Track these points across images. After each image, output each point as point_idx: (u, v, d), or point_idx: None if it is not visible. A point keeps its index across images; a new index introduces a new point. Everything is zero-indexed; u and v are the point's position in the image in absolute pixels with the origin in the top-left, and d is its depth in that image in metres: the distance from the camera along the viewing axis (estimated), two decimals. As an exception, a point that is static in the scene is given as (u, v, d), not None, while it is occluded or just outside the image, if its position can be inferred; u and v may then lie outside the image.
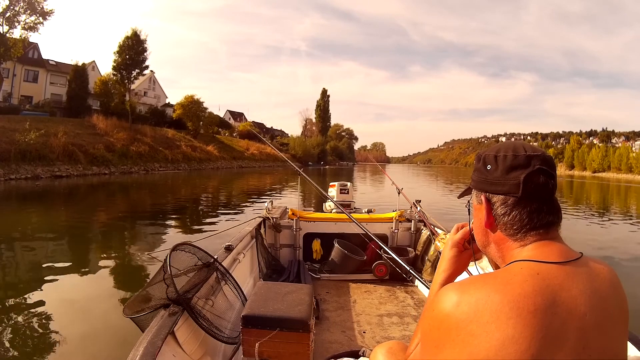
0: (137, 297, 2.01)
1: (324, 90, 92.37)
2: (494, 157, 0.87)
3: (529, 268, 0.77)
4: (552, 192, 0.84)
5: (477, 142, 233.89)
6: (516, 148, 0.86)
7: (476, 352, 0.71)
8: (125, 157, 32.62)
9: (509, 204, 0.84)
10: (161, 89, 59.40)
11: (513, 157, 0.85)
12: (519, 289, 0.72)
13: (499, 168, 0.86)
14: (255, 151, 57.56)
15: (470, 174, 0.97)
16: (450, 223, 4.30)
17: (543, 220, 0.83)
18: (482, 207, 0.89)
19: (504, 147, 0.88)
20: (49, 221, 10.93)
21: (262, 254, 3.74)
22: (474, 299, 0.74)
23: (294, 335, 2.02)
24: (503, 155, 0.86)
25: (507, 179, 0.84)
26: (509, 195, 0.84)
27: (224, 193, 21.51)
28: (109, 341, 3.73)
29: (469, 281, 0.80)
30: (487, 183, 0.88)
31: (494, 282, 0.76)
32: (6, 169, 21.53)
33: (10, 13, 29.14)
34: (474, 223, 0.96)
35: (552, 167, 0.85)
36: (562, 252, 0.80)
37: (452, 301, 0.76)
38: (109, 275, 6.09)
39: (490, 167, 0.87)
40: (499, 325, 0.70)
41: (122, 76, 39.27)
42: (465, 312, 0.73)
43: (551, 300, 0.72)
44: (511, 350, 0.69)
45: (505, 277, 0.76)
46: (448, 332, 0.75)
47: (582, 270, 0.78)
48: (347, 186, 6.72)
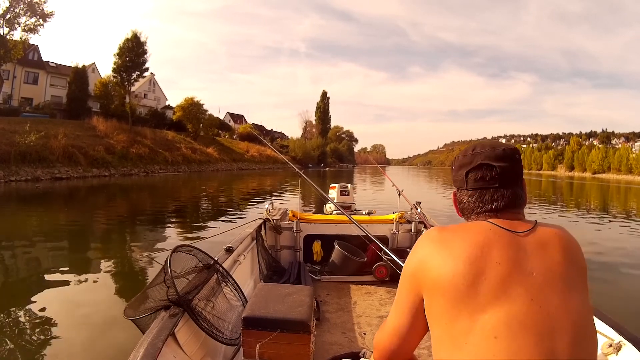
0: (137, 299, 2.01)
1: (323, 92, 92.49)
2: (455, 158, 1.08)
3: (487, 225, 0.93)
4: (493, 182, 0.98)
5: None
6: (468, 149, 1.05)
7: (436, 278, 0.89)
8: (125, 159, 32.63)
9: (462, 195, 1.04)
10: (161, 91, 59.47)
11: (462, 156, 1.05)
12: (475, 237, 0.90)
13: (455, 167, 1.07)
14: (255, 153, 57.57)
15: None
16: (450, 224, 4.32)
17: (488, 205, 0.98)
18: (455, 195, 1.09)
19: (463, 150, 1.08)
20: (49, 223, 10.93)
21: (262, 255, 3.74)
22: (444, 237, 0.94)
23: (294, 336, 2.02)
24: (457, 157, 1.07)
25: (457, 176, 1.05)
26: (461, 188, 1.05)
27: (224, 195, 21.51)
28: (109, 342, 3.73)
29: (446, 226, 1.01)
30: (453, 180, 1.09)
31: (460, 229, 0.95)
32: (6, 170, 21.52)
33: (11, 15, 29.18)
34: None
35: (498, 159, 0.98)
36: (515, 224, 0.94)
37: (431, 235, 0.99)
38: (109, 276, 6.09)
39: (453, 168, 1.08)
40: (454, 261, 0.88)
41: (122, 78, 39.28)
42: (437, 244, 0.94)
43: (497, 252, 0.87)
44: (459, 283, 0.85)
45: (469, 226, 0.96)
46: (422, 259, 0.95)
47: (532, 239, 0.91)
48: (348, 188, 6.74)
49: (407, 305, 0.98)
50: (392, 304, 1.03)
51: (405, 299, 0.98)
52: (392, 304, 1.04)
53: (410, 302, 0.97)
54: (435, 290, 0.89)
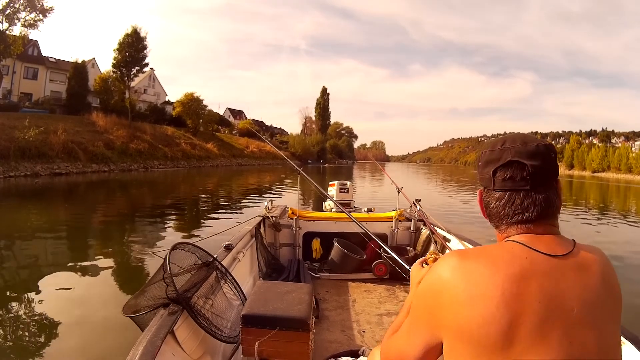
0: (136, 296, 2.01)
1: (323, 88, 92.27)
2: (480, 154, 0.94)
3: (520, 249, 0.80)
4: (524, 183, 0.85)
5: (476, 141, 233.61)
6: (496, 143, 0.90)
7: (460, 321, 0.75)
8: (124, 155, 32.57)
9: (489, 196, 0.90)
10: (161, 87, 59.29)
11: (490, 151, 0.90)
12: (508, 269, 0.76)
13: (480, 163, 0.92)
14: (254, 149, 57.50)
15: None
16: (450, 223, 4.31)
17: (519, 214, 0.85)
18: (481, 195, 0.95)
19: (491, 142, 0.92)
20: (49, 219, 10.92)
21: (261, 253, 3.73)
22: (468, 270, 0.78)
23: (293, 334, 2.02)
24: (484, 151, 0.92)
25: (483, 173, 0.91)
26: (487, 188, 0.91)
27: (223, 191, 21.50)
28: (108, 340, 3.73)
29: (470, 251, 0.85)
30: (479, 177, 0.94)
31: (487, 257, 0.80)
32: (5, 166, 21.47)
33: (10, 10, 29.01)
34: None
35: (530, 157, 0.85)
36: (552, 243, 0.81)
37: (451, 266, 0.81)
38: (108, 274, 6.08)
39: (480, 163, 0.93)
40: (485, 302, 0.73)
41: (122, 73, 39.15)
42: (458, 279, 0.78)
43: (536, 288, 0.74)
44: (492, 330, 0.72)
45: (498, 253, 0.80)
46: (440, 295, 0.80)
47: (572, 263, 0.79)
48: (347, 185, 6.73)
49: (420, 340, 0.84)
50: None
51: (419, 333, 0.85)
52: (406, 319, 0.92)
53: (424, 340, 0.84)
54: (460, 336, 0.76)
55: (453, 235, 3.76)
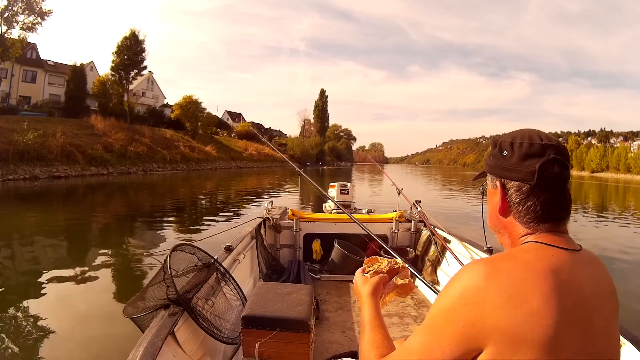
0: (137, 298, 2.01)
1: (322, 90, 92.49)
2: (510, 144, 0.88)
3: (542, 249, 0.80)
4: (565, 183, 0.85)
5: (475, 143, 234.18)
6: (532, 136, 0.86)
7: (507, 324, 0.72)
8: (123, 158, 32.57)
9: (523, 192, 0.85)
10: (159, 90, 59.36)
11: (529, 145, 0.85)
12: (538, 267, 0.76)
13: (514, 155, 0.86)
14: (253, 151, 57.55)
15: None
16: (450, 223, 4.31)
17: (555, 213, 0.84)
18: (496, 192, 0.91)
19: (519, 134, 0.88)
20: (48, 222, 10.90)
21: (262, 254, 3.73)
22: (500, 273, 0.76)
23: (294, 335, 2.02)
24: (519, 142, 0.86)
25: (522, 167, 0.85)
26: (524, 182, 0.84)
27: (222, 194, 21.49)
28: (108, 341, 3.72)
29: (493, 257, 0.82)
30: (503, 169, 0.88)
31: (514, 258, 0.79)
32: (4, 169, 21.46)
33: (9, 13, 29.10)
34: (488, 206, 0.96)
35: (567, 158, 0.85)
36: (568, 241, 0.83)
37: (482, 273, 0.76)
38: (108, 275, 6.07)
39: (507, 154, 0.88)
40: (526, 299, 0.72)
41: (120, 76, 39.26)
42: (494, 284, 0.74)
43: (565, 281, 0.75)
44: (535, 324, 0.71)
45: (524, 255, 0.79)
46: (479, 305, 0.74)
47: (585, 259, 0.83)
48: (347, 186, 6.73)
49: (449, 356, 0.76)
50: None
51: (448, 349, 0.76)
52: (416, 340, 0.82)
53: (454, 355, 0.75)
54: (507, 340, 0.71)
55: (453, 236, 3.76)
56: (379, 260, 1.25)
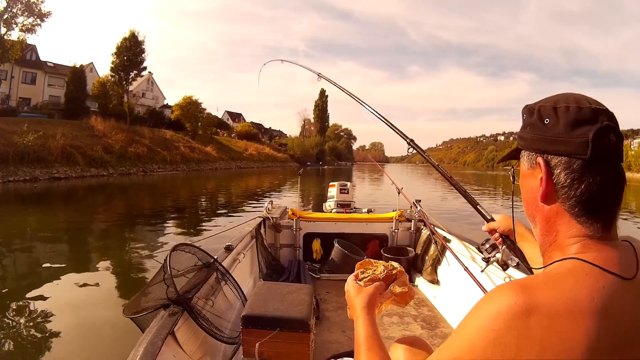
0: (137, 298, 2.01)
1: (322, 90, 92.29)
2: (552, 109, 0.70)
3: (593, 276, 0.61)
4: (621, 159, 0.70)
5: (475, 142, 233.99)
6: (578, 99, 0.70)
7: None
8: (123, 159, 32.56)
9: (575, 169, 0.66)
10: (159, 90, 59.35)
11: (577, 109, 0.68)
12: (586, 306, 0.58)
13: (560, 122, 0.68)
14: (253, 152, 57.56)
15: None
16: (450, 223, 4.30)
17: (612, 204, 0.68)
18: (535, 172, 0.72)
19: (562, 98, 0.71)
20: (48, 223, 10.91)
21: (262, 254, 3.73)
22: (539, 312, 0.58)
23: (294, 335, 2.02)
24: (564, 106, 0.69)
25: (571, 136, 0.67)
26: (575, 157, 0.66)
27: (223, 194, 21.49)
28: (109, 341, 3.72)
29: (532, 282, 0.62)
30: (546, 141, 0.69)
31: (559, 289, 0.60)
32: (4, 171, 21.45)
33: (8, 15, 29.06)
34: (523, 193, 0.77)
35: (618, 127, 0.70)
36: (623, 259, 0.65)
37: (514, 309, 0.59)
38: (108, 276, 6.08)
39: (549, 122, 0.70)
40: (565, 348, 0.57)
41: (120, 77, 39.22)
42: (530, 325, 0.58)
43: (616, 325, 0.59)
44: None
45: (570, 284, 0.61)
46: (498, 345, 0.58)
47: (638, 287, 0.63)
48: (347, 186, 6.73)
49: None
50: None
51: None
52: None
53: None
54: None
55: (453, 235, 3.76)
56: (373, 264, 1.11)
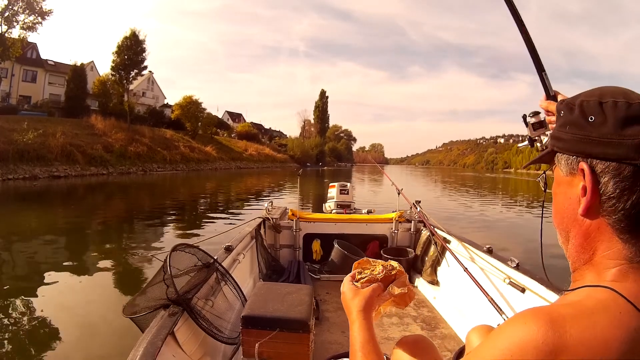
0: (137, 297, 2.01)
1: (322, 91, 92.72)
2: (598, 104, 0.59)
3: (628, 315, 0.52)
4: None
5: (475, 144, 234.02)
6: (627, 94, 0.59)
7: None
8: (123, 158, 32.58)
9: (626, 177, 0.55)
10: (159, 90, 59.37)
11: (627, 105, 0.57)
12: (616, 348, 0.49)
13: (608, 120, 0.57)
14: (253, 152, 57.62)
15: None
16: (450, 223, 4.31)
17: None
18: (575, 179, 0.61)
19: (608, 91, 0.60)
20: (47, 222, 10.89)
21: (262, 254, 3.73)
22: (568, 351, 0.49)
23: (294, 335, 2.02)
24: (612, 101, 0.58)
25: (622, 136, 0.55)
26: (626, 161, 0.55)
27: (222, 194, 21.49)
28: (108, 341, 3.72)
29: (561, 313, 0.53)
30: (591, 142, 0.58)
31: (592, 326, 0.51)
32: (4, 169, 21.46)
33: (9, 13, 29.13)
34: (556, 203, 0.66)
35: None
36: None
37: (541, 343, 0.50)
38: (108, 275, 6.07)
39: (594, 119, 0.58)
40: None
41: (120, 76, 39.28)
42: (552, 352, 0.49)
43: None
44: None
45: (603, 321, 0.51)
46: None
47: None
48: (347, 187, 6.73)
49: None
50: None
51: None
52: None
53: None
54: None
55: (453, 236, 3.76)
56: (371, 263, 1.06)
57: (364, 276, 1.01)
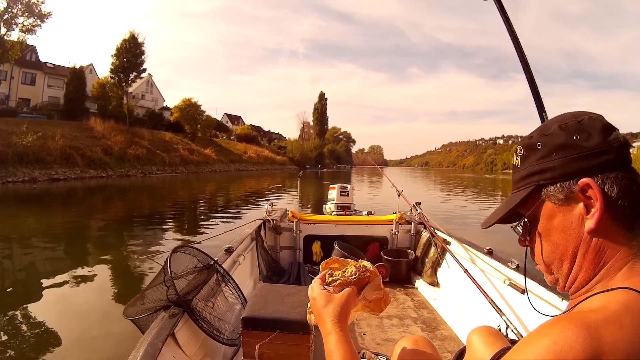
0: (137, 299, 2.01)
1: (321, 93, 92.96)
2: (577, 123, 0.62)
3: None
4: None
5: (474, 145, 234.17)
6: (584, 112, 0.64)
7: None
8: (122, 160, 32.55)
9: (623, 175, 0.59)
10: (159, 92, 59.41)
11: (597, 117, 0.63)
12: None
13: (592, 134, 0.60)
14: (253, 154, 57.64)
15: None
16: (450, 225, 4.31)
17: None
18: (571, 203, 0.61)
19: (572, 113, 0.65)
20: (47, 224, 10.88)
21: (262, 256, 3.74)
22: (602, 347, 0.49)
23: (294, 337, 2.02)
24: (587, 117, 0.62)
25: (610, 143, 0.60)
26: (619, 163, 0.60)
27: (222, 196, 21.49)
28: (109, 343, 3.71)
29: (589, 319, 0.52)
30: (585, 157, 0.60)
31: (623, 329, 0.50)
32: (3, 171, 21.43)
33: (8, 15, 29.09)
34: (550, 240, 0.66)
35: None
36: None
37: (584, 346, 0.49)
38: (109, 277, 6.07)
39: (580, 136, 0.61)
40: None
41: (119, 79, 39.28)
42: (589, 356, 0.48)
43: None
44: None
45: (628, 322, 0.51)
46: None
47: None
48: (347, 188, 6.73)
49: None
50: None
51: None
52: None
53: None
54: None
55: (453, 237, 3.76)
56: (342, 263, 0.97)
57: (335, 279, 0.90)
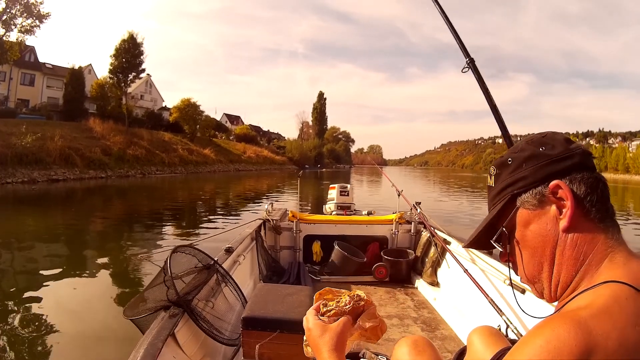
0: (137, 299, 2.01)
1: (320, 93, 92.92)
2: (541, 137, 0.72)
3: (632, 299, 0.55)
4: None
5: (473, 144, 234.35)
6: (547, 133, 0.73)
7: None
8: (121, 161, 32.50)
9: (588, 175, 0.67)
10: (158, 93, 59.36)
11: (558, 133, 0.72)
12: (633, 333, 0.51)
13: (556, 144, 0.69)
14: (252, 154, 57.61)
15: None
16: (450, 225, 4.30)
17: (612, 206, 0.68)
18: (544, 207, 0.67)
19: (539, 132, 0.75)
20: (46, 225, 10.87)
21: (262, 255, 3.73)
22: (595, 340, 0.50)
23: (294, 337, 2.01)
24: (550, 132, 0.73)
25: (572, 150, 0.68)
26: (583, 165, 0.67)
27: (222, 196, 21.47)
28: (109, 343, 3.71)
29: (578, 315, 0.54)
30: (553, 162, 0.68)
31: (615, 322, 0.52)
32: (2, 172, 21.38)
33: (7, 16, 29.05)
34: (529, 245, 0.70)
35: None
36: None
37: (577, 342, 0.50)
38: (108, 277, 6.07)
39: (545, 148, 0.69)
40: None
41: (118, 79, 39.29)
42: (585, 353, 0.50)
43: None
44: None
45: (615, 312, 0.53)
46: None
47: None
48: (347, 188, 6.73)
49: None
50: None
51: None
52: None
53: None
54: None
55: (453, 237, 3.76)
56: (335, 294, 0.96)
57: (330, 309, 0.91)
